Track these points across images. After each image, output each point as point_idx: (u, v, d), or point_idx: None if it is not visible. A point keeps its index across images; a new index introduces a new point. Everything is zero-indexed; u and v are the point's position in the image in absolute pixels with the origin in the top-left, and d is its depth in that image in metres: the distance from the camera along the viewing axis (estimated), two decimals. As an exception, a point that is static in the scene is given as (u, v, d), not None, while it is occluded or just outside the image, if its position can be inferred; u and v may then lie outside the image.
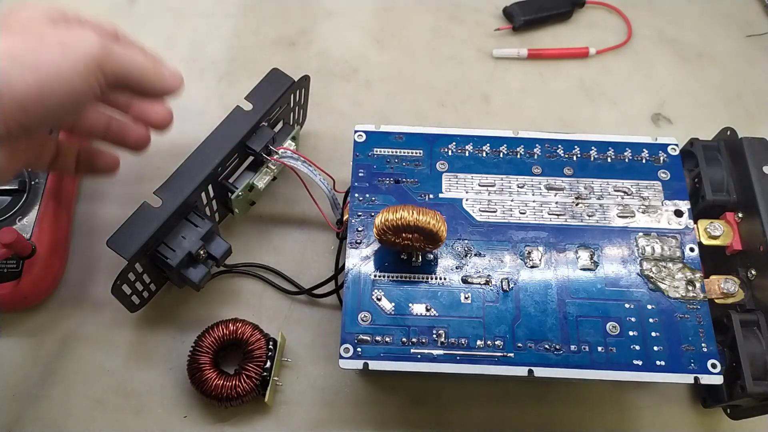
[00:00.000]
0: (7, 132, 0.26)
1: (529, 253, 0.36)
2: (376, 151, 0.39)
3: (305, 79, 0.41)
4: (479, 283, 0.35)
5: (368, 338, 0.33)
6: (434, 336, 0.34)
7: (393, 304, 0.34)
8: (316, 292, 0.40)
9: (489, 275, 0.35)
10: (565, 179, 0.38)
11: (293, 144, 0.41)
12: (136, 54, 0.30)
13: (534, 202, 0.37)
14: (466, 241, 0.36)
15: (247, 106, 0.38)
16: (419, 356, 0.33)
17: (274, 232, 0.43)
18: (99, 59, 0.28)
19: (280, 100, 0.39)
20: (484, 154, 0.39)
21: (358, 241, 0.36)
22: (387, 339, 0.33)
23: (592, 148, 0.39)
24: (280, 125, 0.41)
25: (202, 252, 0.36)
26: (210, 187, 0.37)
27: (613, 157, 0.39)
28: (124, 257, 0.33)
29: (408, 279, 0.35)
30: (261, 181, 0.39)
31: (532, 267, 0.36)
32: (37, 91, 0.26)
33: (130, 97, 0.33)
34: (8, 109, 0.25)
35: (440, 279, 0.35)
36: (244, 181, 0.39)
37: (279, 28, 0.52)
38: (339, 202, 0.39)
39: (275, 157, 0.38)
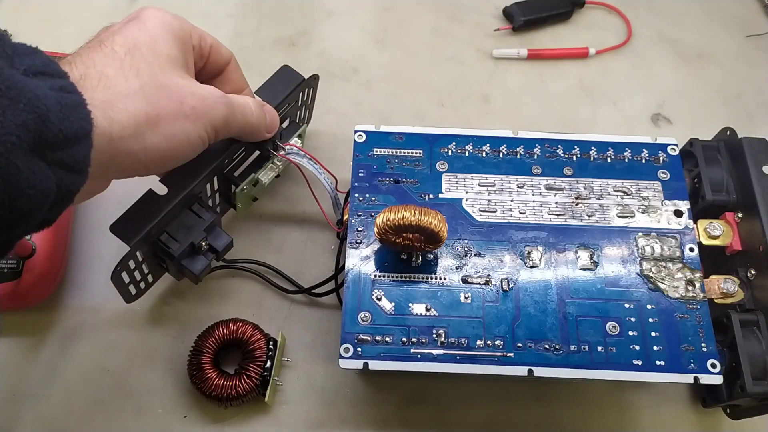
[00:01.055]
0: (125, 177, 0.29)
1: (529, 253, 0.36)
2: (376, 151, 0.39)
3: (314, 78, 0.41)
4: (479, 283, 0.35)
5: (368, 338, 0.33)
6: (434, 336, 0.34)
7: (393, 304, 0.34)
8: (315, 291, 0.40)
9: (489, 275, 0.35)
10: (565, 179, 0.38)
11: (299, 141, 0.40)
12: (249, 115, 0.32)
13: (534, 202, 0.38)
14: (466, 241, 0.36)
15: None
16: (419, 356, 0.33)
17: (274, 231, 0.43)
18: (219, 127, 0.30)
19: (289, 97, 0.38)
20: (484, 154, 0.39)
21: (358, 241, 0.36)
22: (387, 339, 0.33)
23: (592, 148, 0.39)
24: (287, 122, 0.41)
25: (204, 243, 0.35)
26: (215, 179, 0.37)
27: (612, 157, 0.39)
28: (126, 243, 0.32)
29: (408, 279, 0.35)
30: (266, 176, 0.39)
31: (531, 267, 0.36)
32: (165, 155, 0.28)
33: None
34: (135, 167, 0.28)
35: (440, 279, 0.35)
36: (249, 175, 0.39)
37: (279, 28, 0.52)
38: (341, 201, 0.39)
39: (281, 153, 0.38)
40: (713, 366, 0.33)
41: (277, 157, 0.38)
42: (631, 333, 0.34)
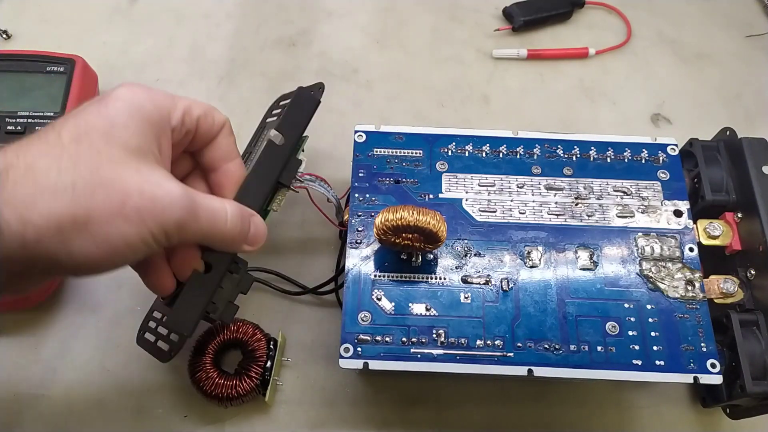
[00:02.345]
0: (54, 278, 0.26)
1: (529, 253, 0.36)
2: (376, 152, 0.39)
3: (322, 90, 0.38)
4: (479, 283, 0.35)
5: (368, 338, 0.33)
6: (434, 336, 0.34)
7: (393, 303, 0.34)
8: (320, 291, 0.40)
9: (489, 275, 0.35)
10: (565, 179, 0.38)
11: (302, 153, 0.39)
12: (219, 223, 0.28)
13: (534, 202, 0.38)
14: (466, 241, 0.36)
15: (277, 138, 0.34)
16: (419, 356, 0.33)
17: (274, 232, 0.43)
18: (172, 232, 0.26)
19: (307, 125, 0.36)
20: (484, 155, 0.39)
21: (358, 241, 0.36)
22: (387, 339, 0.34)
23: (592, 148, 0.39)
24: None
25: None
26: None
27: (612, 157, 0.39)
28: (187, 335, 0.31)
29: (408, 279, 0.35)
30: (278, 205, 0.37)
31: (531, 267, 0.36)
32: (96, 260, 0.24)
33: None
34: (60, 271, 0.25)
35: (440, 279, 0.35)
36: (265, 209, 0.36)
37: (279, 28, 0.52)
38: (342, 205, 0.39)
39: (298, 185, 0.37)
40: (713, 366, 0.33)
41: (294, 188, 0.37)
42: (630, 333, 0.34)
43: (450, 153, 0.39)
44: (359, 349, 0.33)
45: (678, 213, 0.37)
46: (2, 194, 0.22)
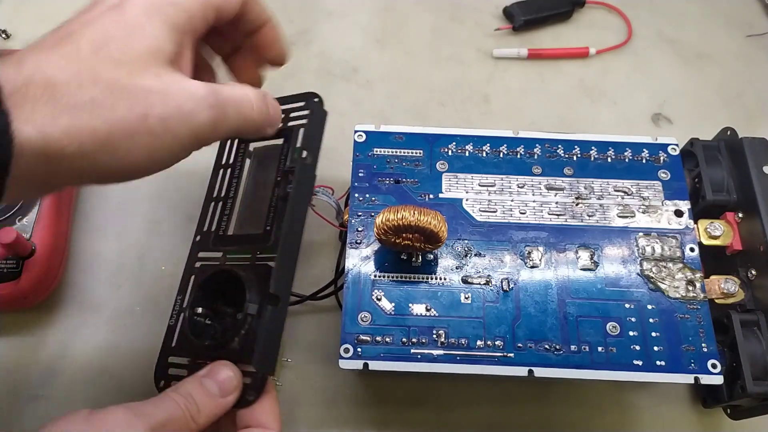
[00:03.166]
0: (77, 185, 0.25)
1: (529, 253, 0.36)
2: (376, 151, 0.39)
3: (321, 100, 0.35)
4: (479, 283, 0.35)
5: (368, 338, 0.33)
6: (434, 336, 0.34)
7: (393, 304, 0.34)
8: (319, 296, 0.40)
9: (489, 275, 0.35)
10: (565, 179, 0.38)
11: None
12: (247, 111, 0.28)
13: (534, 202, 0.37)
14: (466, 241, 0.36)
15: (308, 157, 0.33)
16: (419, 356, 0.33)
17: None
18: (204, 137, 0.26)
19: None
20: (484, 154, 0.39)
21: (358, 241, 0.36)
22: (387, 339, 0.33)
23: (592, 148, 0.39)
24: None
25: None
26: None
27: (613, 157, 0.39)
28: (270, 374, 0.30)
29: (408, 279, 0.35)
30: None
31: (532, 267, 0.36)
32: (119, 173, 0.24)
33: None
34: (84, 182, 0.25)
35: (440, 279, 0.35)
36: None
37: (279, 28, 0.52)
38: (342, 206, 0.39)
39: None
40: (714, 366, 0.33)
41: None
42: (631, 333, 0.34)
43: (450, 153, 0.39)
44: (359, 349, 0.33)
45: (679, 213, 0.37)
46: (22, 112, 0.21)
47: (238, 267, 0.31)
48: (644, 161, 0.39)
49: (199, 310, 0.31)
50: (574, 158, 0.39)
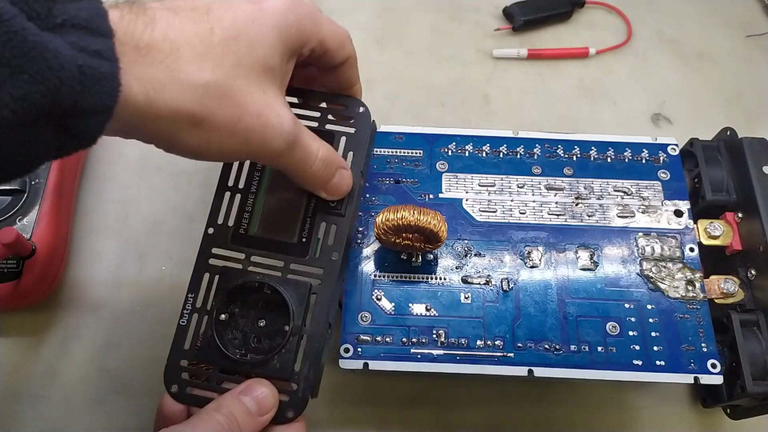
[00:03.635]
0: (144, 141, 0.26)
1: (529, 253, 0.36)
2: (376, 151, 0.39)
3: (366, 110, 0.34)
4: (479, 283, 0.35)
5: (368, 338, 0.33)
6: (434, 336, 0.34)
7: (393, 304, 0.34)
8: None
9: (489, 275, 0.35)
10: (565, 179, 0.38)
11: None
12: (307, 166, 0.28)
13: (534, 202, 0.38)
14: (466, 241, 0.36)
15: (362, 180, 0.33)
16: (419, 356, 0.33)
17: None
18: (266, 158, 0.28)
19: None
20: (484, 154, 0.39)
21: (358, 241, 0.36)
22: (387, 339, 0.33)
23: (592, 148, 0.39)
24: None
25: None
26: None
27: (612, 157, 0.39)
28: (314, 397, 0.30)
29: (408, 279, 0.35)
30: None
31: (532, 267, 0.36)
32: (192, 152, 0.25)
33: None
34: (158, 143, 0.25)
35: (440, 279, 0.35)
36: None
37: (279, 28, 0.52)
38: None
39: None
40: (713, 366, 0.33)
41: None
42: (631, 333, 0.34)
43: (450, 153, 0.39)
44: (359, 349, 0.33)
45: (678, 213, 0.37)
46: (138, 70, 0.22)
47: (276, 280, 0.30)
48: (644, 161, 0.39)
49: (223, 317, 0.30)
50: (574, 158, 0.39)
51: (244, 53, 0.25)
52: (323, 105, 0.32)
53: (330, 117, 0.32)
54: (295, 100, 0.32)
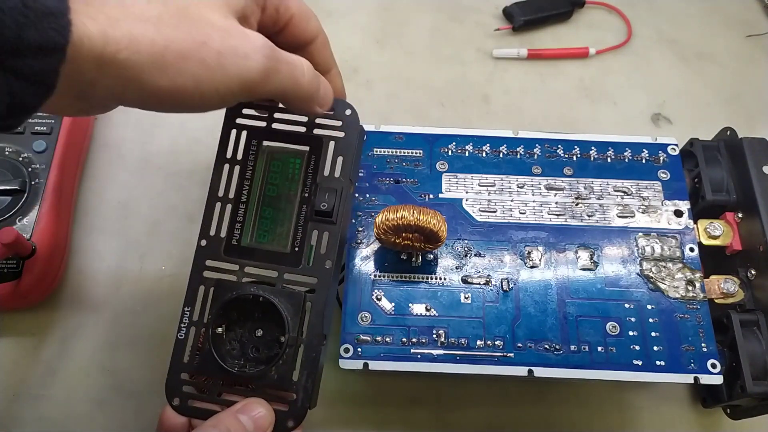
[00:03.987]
0: (119, 105, 0.25)
1: (529, 253, 0.36)
2: (376, 151, 0.39)
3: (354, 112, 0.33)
4: (479, 283, 0.35)
5: (368, 338, 0.33)
6: (434, 336, 0.34)
7: (393, 304, 0.34)
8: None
9: (489, 275, 0.35)
10: (565, 179, 0.38)
11: None
12: (299, 76, 0.27)
13: (534, 202, 0.37)
14: (466, 241, 0.36)
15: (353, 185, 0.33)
16: (419, 356, 0.33)
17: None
18: (251, 86, 0.25)
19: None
20: (484, 154, 0.39)
21: (358, 241, 0.36)
22: (387, 339, 0.33)
23: (592, 148, 0.39)
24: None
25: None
26: None
27: (612, 157, 0.39)
28: (312, 407, 0.30)
29: (408, 279, 0.35)
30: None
31: (532, 267, 0.36)
32: (164, 95, 0.24)
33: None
34: (127, 96, 0.24)
35: (440, 279, 0.35)
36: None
37: (279, 28, 0.52)
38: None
39: None
40: (713, 366, 0.33)
41: None
42: (631, 333, 0.34)
43: (450, 153, 0.39)
44: (359, 349, 0.33)
45: (678, 213, 0.37)
46: (89, 9, 0.21)
47: (270, 291, 0.30)
48: (644, 161, 0.39)
49: (219, 330, 0.29)
50: (574, 158, 0.39)
51: None
52: None
53: (317, 121, 0.32)
54: (281, 105, 0.31)
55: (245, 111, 0.32)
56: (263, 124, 0.32)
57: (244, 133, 0.32)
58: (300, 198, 0.32)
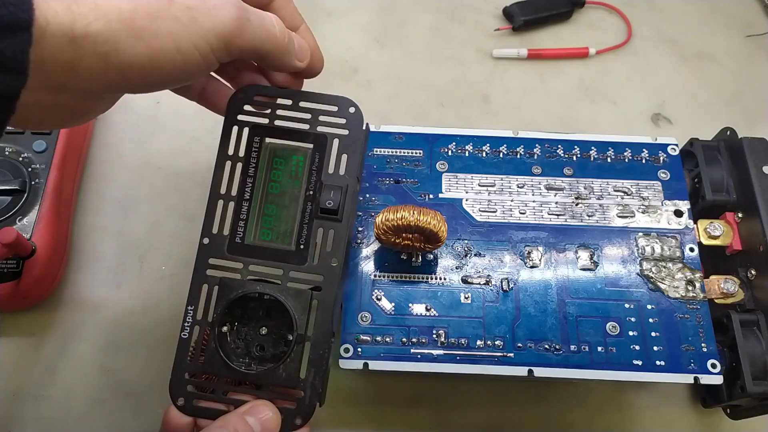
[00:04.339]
0: (106, 92, 0.24)
1: (529, 253, 0.36)
2: (376, 151, 0.39)
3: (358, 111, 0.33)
4: (479, 283, 0.35)
5: (368, 338, 0.33)
6: (434, 336, 0.34)
7: (393, 304, 0.34)
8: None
9: (489, 275, 0.35)
10: (565, 179, 0.38)
11: None
12: (270, 27, 0.26)
13: (534, 202, 0.38)
14: (466, 241, 0.36)
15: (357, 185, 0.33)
16: (419, 356, 0.33)
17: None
18: (227, 38, 0.25)
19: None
20: (484, 154, 0.39)
21: (358, 241, 0.36)
22: (387, 339, 0.33)
23: (592, 148, 0.39)
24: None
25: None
26: None
27: (612, 157, 0.39)
28: (321, 404, 0.29)
29: (408, 279, 0.35)
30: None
31: (532, 267, 0.36)
32: (146, 63, 0.23)
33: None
34: (110, 75, 0.23)
35: (440, 279, 0.35)
36: None
37: (279, 28, 0.52)
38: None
39: None
40: (713, 366, 0.33)
41: None
42: (631, 333, 0.34)
43: (450, 153, 0.39)
44: (359, 349, 0.33)
45: (678, 213, 0.37)
46: None
47: (277, 290, 0.29)
48: (644, 161, 0.39)
49: (225, 329, 0.29)
50: (574, 158, 0.39)
51: None
52: (313, 106, 0.32)
53: (321, 119, 0.32)
54: (287, 102, 0.31)
55: (247, 108, 0.31)
56: (266, 120, 0.31)
57: (246, 130, 0.32)
58: (304, 196, 0.31)
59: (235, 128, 0.32)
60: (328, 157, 0.31)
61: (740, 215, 0.37)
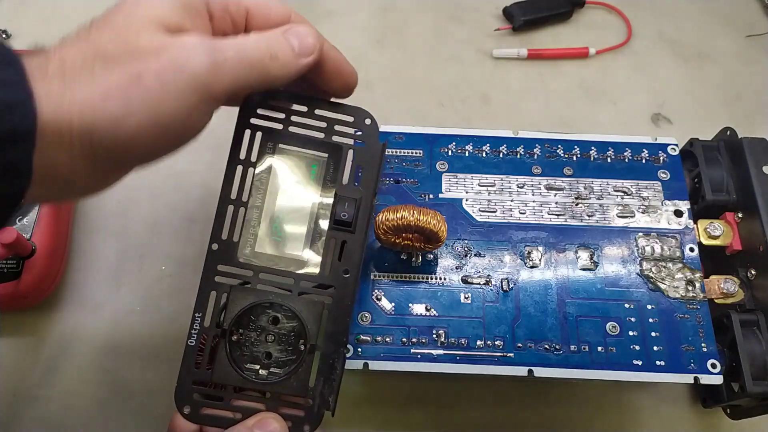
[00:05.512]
0: (111, 173, 0.25)
1: (529, 253, 0.36)
2: (376, 151, 0.38)
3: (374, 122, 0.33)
4: (479, 283, 0.35)
5: (368, 338, 0.33)
6: (434, 336, 0.34)
7: (393, 304, 0.34)
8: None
9: (489, 275, 0.35)
10: (565, 179, 0.38)
11: None
12: (252, 54, 0.26)
13: (534, 202, 0.38)
14: (466, 241, 0.36)
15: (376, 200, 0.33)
16: (419, 356, 0.33)
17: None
18: (207, 88, 0.24)
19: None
20: (484, 154, 0.39)
21: (358, 241, 0.36)
22: (387, 339, 0.33)
23: (592, 148, 0.39)
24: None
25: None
26: None
27: (612, 157, 0.39)
28: (330, 413, 0.29)
29: (408, 279, 0.35)
30: None
31: (531, 267, 0.36)
32: (129, 143, 0.23)
33: None
34: (98, 163, 0.24)
35: (440, 279, 0.35)
36: None
37: (279, 28, 0.52)
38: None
39: None
40: (713, 366, 0.33)
41: None
42: (631, 333, 0.34)
43: (450, 153, 0.39)
44: (359, 349, 0.33)
45: (678, 213, 0.37)
46: (41, 89, 0.21)
47: (288, 299, 0.29)
48: (644, 161, 0.39)
49: (235, 337, 0.29)
50: (574, 158, 0.39)
51: (122, 22, 0.24)
52: (329, 114, 0.31)
53: (336, 128, 0.31)
54: (303, 108, 0.31)
55: (260, 111, 0.31)
56: (280, 126, 0.31)
57: (258, 135, 0.31)
58: (318, 205, 0.31)
59: (248, 132, 0.31)
60: (342, 167, 0.31)
61: (740, 215, 0.37)
